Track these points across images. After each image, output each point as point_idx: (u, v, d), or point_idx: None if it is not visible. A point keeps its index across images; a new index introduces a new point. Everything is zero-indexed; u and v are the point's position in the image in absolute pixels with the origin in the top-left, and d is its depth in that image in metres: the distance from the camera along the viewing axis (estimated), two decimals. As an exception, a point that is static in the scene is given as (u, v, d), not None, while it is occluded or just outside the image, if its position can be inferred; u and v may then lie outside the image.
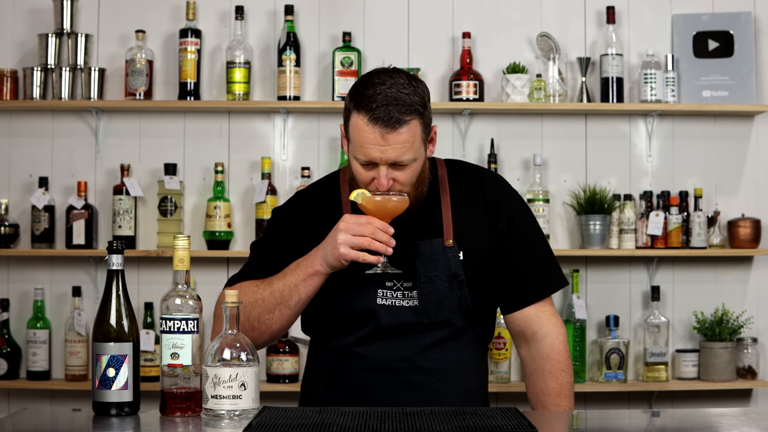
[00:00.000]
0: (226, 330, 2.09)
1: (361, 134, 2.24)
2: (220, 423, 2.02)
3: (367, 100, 2.23)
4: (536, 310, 2.42)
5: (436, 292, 2.35)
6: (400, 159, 2.24)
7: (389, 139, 2.22)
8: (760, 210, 4.12)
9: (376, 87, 2.24)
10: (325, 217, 2.40)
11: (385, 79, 2.25)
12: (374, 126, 2.22)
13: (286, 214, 2.47)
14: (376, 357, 2.34)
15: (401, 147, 2.23)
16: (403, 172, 2.27)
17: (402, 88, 2.24)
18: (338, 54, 4.00)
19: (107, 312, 2.12)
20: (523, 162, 4.10)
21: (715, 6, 4.13)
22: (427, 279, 2.35)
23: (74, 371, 3.92)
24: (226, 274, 4.04)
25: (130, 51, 3.98)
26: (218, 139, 4.09)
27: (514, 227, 2.43)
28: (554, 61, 4.04)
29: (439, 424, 1.94)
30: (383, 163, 2.24)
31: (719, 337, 4.00)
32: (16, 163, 4.06)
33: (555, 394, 2.38)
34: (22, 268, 4.05)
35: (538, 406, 2.41)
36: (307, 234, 2.39)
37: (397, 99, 2.22)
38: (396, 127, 2.21)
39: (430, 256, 2.35)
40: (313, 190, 2.50)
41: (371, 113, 2.22)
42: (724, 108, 4.03)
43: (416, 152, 2.26)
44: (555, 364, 2.39)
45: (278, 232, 2.45)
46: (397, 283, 2.36)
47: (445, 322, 2.37)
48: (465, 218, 2.40)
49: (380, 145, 2.22)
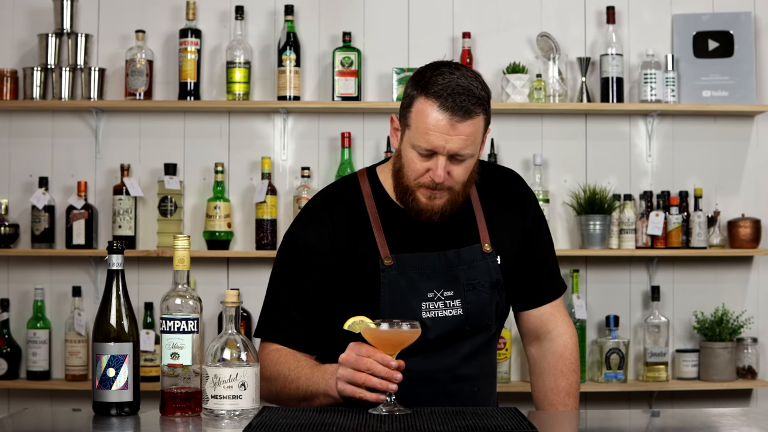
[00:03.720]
0: (226, 330, 2.09)
1: (427, 120, 2.16)
2: (220, 423, 2.02)
3: (438, 86, 2.17)
4: (552, 308, 2.42)
5: (480, 300, 2.31)
6: (462, 151, 2.18)
7: (458, 128, 2.16)
8: (760, 210, 4.12)
9: (445, 75, 2.18)
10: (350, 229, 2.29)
11: (454, 70, 2.21)
12: (444, 112, 2.15)
13: (307, 237, 2.30)
14: (419, 369, 2.27)
15: (466, 139, 2.17)
16: (460, 167, 2.21)
17: (472, 80, 2.20)
18: (338, 54, 3.99)
19: (107, 312, 2.12)
20: (523, 162, 4.10)
21: (715, 6, 4.13)
22: (471, 287, 2.30)
23: (74, 371, 3.92)
24: (226, 274, 4.04)
25: (130, 51, 3.98)
26: (218, 139, 4.09)
27: (537, 226, 2.43)
28: (554, 61, 4.04)
29: (439, 424, 1.94)
30: (444, 154, 2.18)
31: (719, 337, 4.00)
32: (16, 163, 4.06)
33: (564, 393, 2.37)
34: (22, 268, 4.05)
35: (545, 405, 2.40)
36: (335, 258, 2.28)
37: (468, 90, 2.17)
38: (466, 117, 2.16)
39: (471, 263, 2.30)
40: (329, 201, 2.35)
41: (441, 99, 2.16)
42: (724, 108, 4.03)
43: (476, 148, 2.21)
44: (567, 363, 2.39)
45: (300, 262, 2.30)
46: (437, 293, 2.29)
47: (483, 328, 2.33)
48: (497, 220, 2.37)
49: (447, 134, 2.16)
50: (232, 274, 4.06)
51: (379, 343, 2.10)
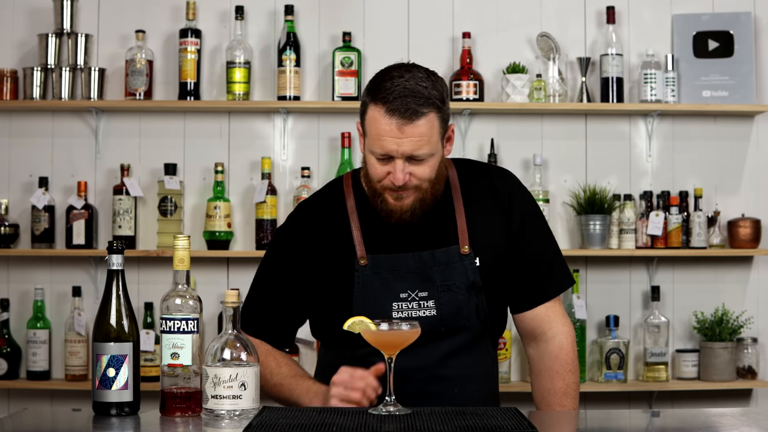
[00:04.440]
0: (226, 330, 2.09)
1: (377, 126, 2.21)
2: (220, 423, 2.02)
3: (385, 92, 2.20)
4: (546, 309, 2.41)
5: (455, 301, 2.33)
6: (417, 153, 2.21)
7: (406, 131, 2.19)
8: (760, 210, 4.12)
9: (394, 80, 2.22)
10: (330, 232, 2.36)
11: (403, 72, 2.24)
12: (391, 117, 2.19)
13: (288, 240, 2.41)
14: (395, 368, 2.25)
15: (418, 140, 2.20)
16: (421, 167, 2.24)
17: (420, 81, 2.22)
18: (338, 54, 3.99)
19: (107, 312, 2.12)
20: (523, 162, 4.10)
21: (715, 6, 4.13)
22: (445, 288, 2.32)
23: (74, 371, 3.92)
24: (226, 274, 4.04)
25: (130, 51, 3.98)
26: (218, 139, 4.09)
27: (527, 226, 2.41)
28: (554, 61, 4.04)
29: (439, 424, 1.94)
30: (399, 157, 2.22)
31: (719, 337, 4.00)
32: (16, 163, 4.06)
33: (561, 394, 2.37)
34: (22, 268, 4.05)
35: (543, 406, 2.40)
36: (314, 259, 2.36)
37: (415, 91, 2.20)
38: (413, 119, 2.19)
39: (447, 264, 2.32)
40: (314, 202, 2.45)
41: (388, 104, 2.19)
42: (724, 108, 4.03)
43: (433, 147, 2.24)
44: (563, 364, 2.38)
45: (283, 261, 2.40)
46: (412, 294, 2.32)
47: (462, 329, 2.35)
48: (479, 221, 2.37)
49: (396, 138, 2.20)
50: (232, 274, 4.06)
51: (379, 344, 2.10)
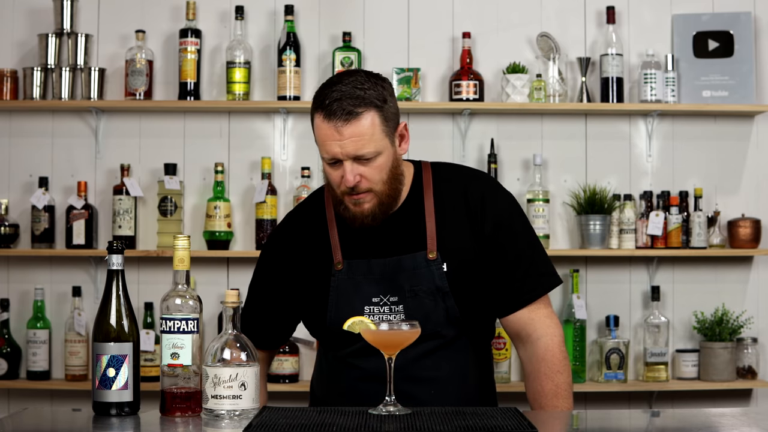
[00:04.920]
0: (226, 330, 2.09)
1: (320, 132, 2.27)
2: (220, 423, 2.02)
3: (323, 98, 2.27)
4: (529, 312, 2.39)
5: (422, 306, 2.35)
6: (360, 152, 2.25)
7: (345, 132, 2.24)
8: (760, 210, 4.12)
9: (333, 86, 2.28)
10: (311, 239, 2.43)
11: (343, 77, 2.30)
12: (329, 121, 2.25)
13: (274, 247, 2.51)
14: (370, 368, 2.34)
15: (358, 139, 2.24)
16: (369, 167, 2.28)
17: (358, 84, 2.27)
18: (338, 54, 3.99)
19: (107, 312, 2.12)
20: (523, 162, 4.10)
21: (715, 6, 4.13)
22: (412, 294, 2.35)
23: (74, 371, 3.92)
24: (226, 274, 4.04)
25: (130, 51, 3.98)
26: (218, 139, 4.09)
27: (501, 230, 2.39)
28: (554, 61, 4.04)
29: (439, 424, 1.94)
30: (345, 158, 2.26)
31: (719, 337, 4.00)
32: (16, 163, 4.06)
33: (551, 396, 2.37)
34: (22, 268, 4.05)
35: (536, 407, 2.40)
36: (297, 266, 2.44)
37: (350, 94, 2.25)
38: (348, 119, 2.24)
39: (413, 270, 2.35)
40: (298, 211, 2.53)
41: (325, 109, 2.26)
42: (724, 108, 4.03)
43: (377, 145, 2.27)
44: (550, 365, 2.37)
45: (269, 267, 2.50)
46: (383, 299, 2.36)
47: (433, 334, 2.35)
48: (449, 226, 2.38)
49: (337, 140, 2.25)
50: (232, 274, 4.06)
51: (379, 344, 2.10)
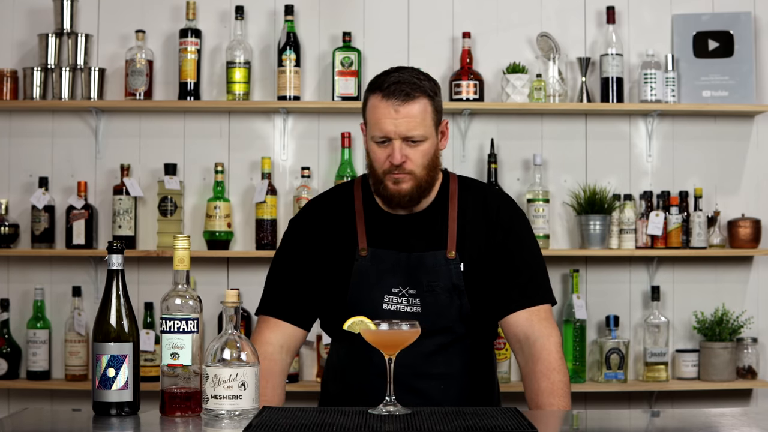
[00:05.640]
0: (226, 330, 2.09)
1: (376, 111, 2.42)
2: (220, 423, 2.03)
3: (381, 82, 2.44)
4: (529, 314, 2.48)
5: (438, 302, 2.46)
6: (412, 133, 2.40)
7: (401, 111, 2.40)
8: (760, 210, 4.12)
9: (390, 74, 2.45)
10: (337, 224, 2.53)
11: (399, 69, 2.48)
12: (387, 101, 2.40)
13: (300, 227, 2.59)
14: (380, 362, 2.32)
15: (412, 120, 2.40)
16: (415, 150, 2.42)
17: (415, 74, 2.46)
18: (338, 54, 3.99)
19: (107, 312, 2.12)
20: (523, 162, 4.10)
21: (715, 6, 4.13)
22: (429, 288, 2.46)
23: (74, 371, 3.92)
24: (226, 274, 4.04)
25: (130, 51, 3.98)
26: (218, 139, 4.09)
27: (510, 238, 2.53)
28: (554, 61, 4.04)
29: (439, 424, 1.94)
30: (396, 137, 2.40)
31: (719, 337, 4.00)
32: (16, 163, 4.06)
33: (547, 394, 2.40)
34: (22, 268, 4.05)
35: (533, 407, 2.43)
36: (322, 246, 2.53)
37: (408, 80, 2.43)
38: (406, 100, 2.40)
39: (433, 267, 2.47)
40: (326, 198, 2.62)
41: (384, 91, 2.42)
42: (724, 108, 4.03)
43: (426, 131, 2.43)
44: (546, 364, 2.42)
45: (295, 247, 2.57)
46: (402, 290, 2.47)
47: (445, 329, 2.47)
48: (468, 230, 2.51)
49: (393, 118, 2.40)
50: (232, 274, 4.06)
51: (379, 343, 2.11)
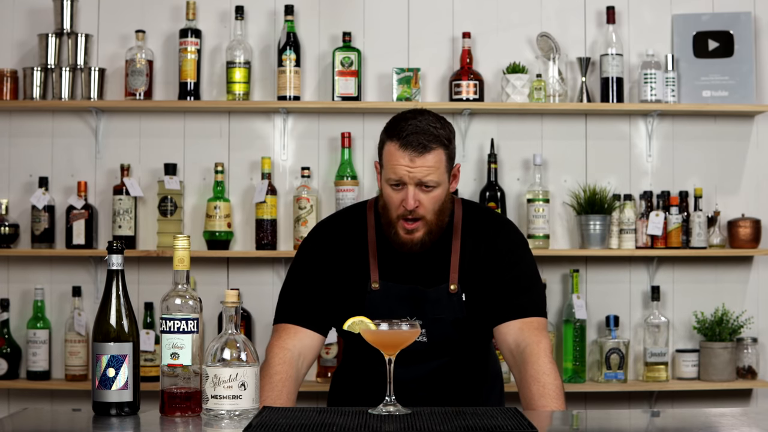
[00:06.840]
0: (226, 330, 2.09)
1: (392, 157, 2.52)
2: (220, 423, 2.03)
3: (400, 130, 2.53)
4: (522, 324, 2.56)
5: (443, 332, 2.60)
6: (426, 179, 2.51)
7: (417, 161, 2.50)
8: (760, 210, 4.12)
9: (408, 120, 2.54)
10: (350, 253, 2.63)
11: (417, 115, 2.56)
12: (404, 150, 2.50)
13: (314, 250, 2.67)
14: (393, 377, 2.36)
15: (427, 169, 2.50)
16: (427, 196, 2.53)
17: (431, 123, 2.54)
18: (338, 54, 3.99)
19: (107, 312, 2.13)
20: (523, 162, 4.10)
21: (715, 6, 4.13)
22: (435, 321, 2.59)
23: (74, 371, 3.92)
24: (226, 274, 4.04)
25: (130, 51, 3.98)
26: (218, 139, 4.09)
27: (508, 256, 2.62)
28: (554, 61, 4.04)
29: (439, 424, 1.94)
30: (411, 183, 2.51)
31: (719, 337, 4.00)
32: (16, 163, 4.06)
33: (538, 396, 2.44)
34: (22, 268, 4.05)
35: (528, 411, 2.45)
36: (335, 273, 2.62)
37: (425, 130, 2.52)
38: (423, 152, 2.50)
39: (437, 301, 2.59)
40: (339, 223, 2.70)
41: (402, 140, 2.51)
42: (724, 108, 4.03)
43: (440, 177, 2.53)
44: (536, 368, 2.47)
45: (309, 267, 2.65)
46: (410, 319, 2.49)
47: (449, 353, 2.62)
48: (470, 259, 2.62)
49: (409, 167, 2.50)
50: (232, 274, 4.06)
51: (379, 343, 2.11)
